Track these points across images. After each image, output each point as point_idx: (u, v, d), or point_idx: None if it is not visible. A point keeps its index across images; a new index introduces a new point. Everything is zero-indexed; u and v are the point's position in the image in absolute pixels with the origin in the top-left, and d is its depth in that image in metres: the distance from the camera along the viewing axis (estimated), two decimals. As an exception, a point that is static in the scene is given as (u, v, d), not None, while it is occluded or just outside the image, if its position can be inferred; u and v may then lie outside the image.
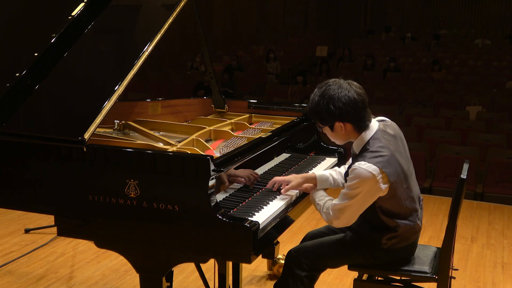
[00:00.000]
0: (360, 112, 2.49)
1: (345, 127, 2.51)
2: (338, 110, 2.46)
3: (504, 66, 12.44)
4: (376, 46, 15.29)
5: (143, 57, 2.66)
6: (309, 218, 5.27)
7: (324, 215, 2.60)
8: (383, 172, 2.42)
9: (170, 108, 3.55)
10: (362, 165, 2.42)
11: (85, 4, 2.96)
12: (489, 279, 4.21)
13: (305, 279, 2.67)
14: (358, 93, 2.48)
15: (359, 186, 2.44)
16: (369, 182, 2.42)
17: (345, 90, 2.47)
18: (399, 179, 2.49)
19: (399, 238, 2.62)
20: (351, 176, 2.46)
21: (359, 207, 2.50)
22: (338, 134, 2.56)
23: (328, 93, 2.48)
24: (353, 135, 2.55)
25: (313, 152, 3.46)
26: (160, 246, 2.36)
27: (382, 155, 2.45)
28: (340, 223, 2.56)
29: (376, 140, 2.51)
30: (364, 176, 2.41)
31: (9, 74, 2.77)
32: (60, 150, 2.45)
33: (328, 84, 2.51)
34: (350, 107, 2.46)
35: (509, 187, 6.60)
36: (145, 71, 11.70)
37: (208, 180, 2.24)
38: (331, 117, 2.49)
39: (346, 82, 2.51)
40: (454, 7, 18.92)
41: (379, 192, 2.46)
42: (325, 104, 2.47)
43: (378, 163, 2.42)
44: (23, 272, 4.08)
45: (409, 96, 9.85)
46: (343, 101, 2.45)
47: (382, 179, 2.43)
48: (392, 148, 2.51)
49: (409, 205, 2.59)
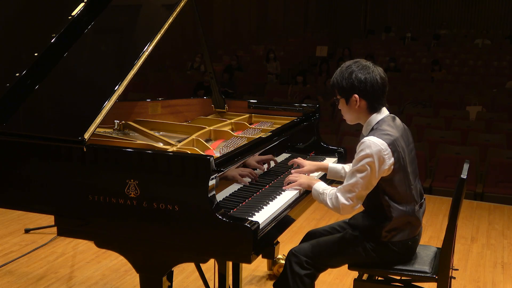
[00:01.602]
0: (377, 92, 2.62)
1: (360, 103, 2.62)
2: (358, 83, 2.59)
3: (504, 66, 12.43)
4: (376, 46, 15.28)
5: (143, 57, 2.66)
6: (309, 218, 5.27)
7: (330, 202, 2.62)
8: (389, 147, 2.52)
9: (170, 108, 3.55)
10: (371, 138, 2.53)
11: (85, 4, 2.96)
12: (489, 279, 4.21)
13: (305, 278, 2.67)
14: (381, 76, 2.63)
15: (367, 157, 2.51)
16: (377, 153, 2.50)
17: (370, 69, 2.61)
18: (402, 161, 2.57)
19: (398, 230, 2.64)
20: (359, 149, 2.55)
21: (367, 184, 2.54)
22: (351, 108, 2.66)
23: (354, 68, 2.62)
24: (364, 114, 2.66)
25: (313, 152, 3.47)
26: (160, 246, 2.36)
27: (389, 134, 2.56)
28: (348, 207, 2.58)
29: (384, 123, 2.62)
30: (372, 146, 2.51)
31: (9, 74, 2.77)
32: (60, 150, 2.45)
33: (356, 61, 2.67)
34: (369, 84, 2.59)
35: (509, 187, 6.60)
36: (145, 71, 11.70)
37: (208, 180, 2.24)
38: (350, 88, 2.61)
39: (373, 65, 2.65)
40: (454, 7, 18.91)
41: (385, 166, 2.52)
42: (348, 75, 2.61)
43: (386, 139, 2.53)
44: (23, 272, 4.08)
45: (409, 96, 9.85)
46: (365, 77, 2.59)
47: (388, 154, 2.51)
48: (398, 134, 2.60)
49: (410, 194, 2.64)
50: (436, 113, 8.93)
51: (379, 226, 2.64)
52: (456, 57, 13.56)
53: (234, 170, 2.63)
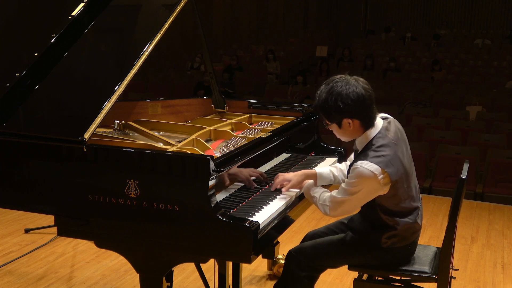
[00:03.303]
0: (368, 108, 2.49)
1: (353, 124, 2.50)
2: (347, 106, 2.44)
3: (504, 66, 12.43)
4: (376, 46, 15.28)
5: (143, 57, 2.66)
6: (309, 218, 5.27)
7: (321, 206, 2.61)
8: (384, 172, 2.43)
9: (170, 108, 3.55)
10: (364, 165, 2.43)
11: (85, 4, 2.96)
12: (489, 279, 4.21)
13: (305, 279, 2.67)
14: (366, 89, 2.48)
15: (359, 185, 2.45)
16: (370, 181, 2.43)
17: (353, 86, 2.45)
18: (400, 179, 2.50)
19: (399, 237, 2.62)
20: (351, 175, 2.47)
21: (358, 202, 2.53)
22: (345, 130, 2.55)
23: (336, 89, 2.46)
24: (359, 131, 2.55)
25: (313, 152, 3.46)
26: (160, 246, 2.36)
27: (384, 155, 2.45)
28: (336, 214, 2.60)
29: (379, 139, 2.51)
30: (365, 175, 2.42)
31: (9, 74, 2.77)
32: (60, 150, 2.45)
33: (335, 81, 2.50)
34: (358, 104, 2.45)
35: (509, 187, 6.60)
36: (145, 71, 11.70)
37: (208, 180, 2.24)
38: (339, 114, 2.48)
39: (353, 78, 2.50)
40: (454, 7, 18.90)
41: (380, 191, 2.48)
42: (334, 101, 2.46)
43: (380, 163, 2.43)
44: (23, 272, 4.08)
45: (409, 96, 9.85)
46: (351, 98, 2.44)
47: (383, 179, 2.43)
48: (395, 147, 2.51)
49: (409, 204, 2.59)
50: (436, 113, 8.93)
51: (379, 233, 2.62)
52: (456, 57, 13.56)
53: (245, 171, 2.63)
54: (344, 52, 13.57)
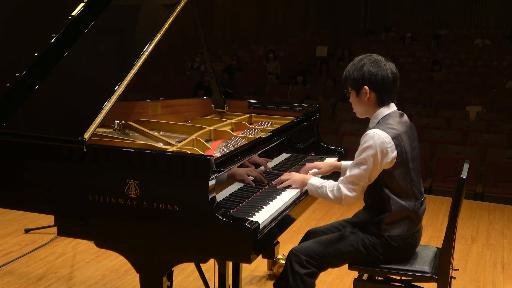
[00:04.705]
0: (387, 86, 2.65)
1: (370, 95, 2.65)
2: (369, 75, 2.63)
3: (504, 66, 12.44)
4: (376, 46, 15.27)
5: (143, 57, 2.66)
6: (309, 218, 5.27)
7: (331, 193, 2.64)
8: (393, 140, 2.55)
9: (170, 108, 3.55)
10: (375, 130, 2.57)
11: (85, 4, 2.96)
12: (489, 279, 4.21)
13: (305, 277, 2.67)
14: (392, 72, 2.66)
15: (370, 148, 2.54)
16: (380, 146, 2.53)
17: (382, 63, 2.65)
18: (404, 156, 2.60)
19: (397, 223, 2.66)
20: (363, 141, 2.59)
21: (369, 175, 2.58)
22: (361, 100, 2.68)
23: (365, 60, 2.67)
24: (373, 107, 2.68)
25: (313, 152, 3.47)
26: (160, 246, 2.36)
27: (394, 128, 2.59)
28: (350, 198, 2.62)
29: (390, 118, 2.65)
30: (376, 138, 2.54)
31: (9, 74, 2.77)
32: (60, 150, 2.45)
33: (369, 55, 2.72)
34: (380, 77, 2.62)
35: (509, 187, 6.60)
36: (145, 71, 11.70)
37: (208, 180, 2.24)
38: (361, 80, 2.64)
39: (386, 59, 2.68)
40: (454, 7, 18.91)
41: (387, 158, 2.56)
42: (360, 67, 2.65)
43: (390, 133, 2.57)
44: (23, 272, 4.08)
45: (409, 96, 9.85)
46: (376, 70, 2.63)
47: (391, 147, 2.55)
48: (403, 129, 2.63)
49: (411, 190, 2.67)
50: (436, 113, 8.93)
51: (378, 219, 2.66)
52: (456, 57, 13.56)
53: (243, 170, 2.64)
54: (344, 52, 13.57)
